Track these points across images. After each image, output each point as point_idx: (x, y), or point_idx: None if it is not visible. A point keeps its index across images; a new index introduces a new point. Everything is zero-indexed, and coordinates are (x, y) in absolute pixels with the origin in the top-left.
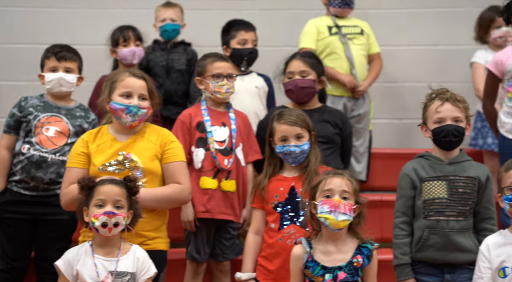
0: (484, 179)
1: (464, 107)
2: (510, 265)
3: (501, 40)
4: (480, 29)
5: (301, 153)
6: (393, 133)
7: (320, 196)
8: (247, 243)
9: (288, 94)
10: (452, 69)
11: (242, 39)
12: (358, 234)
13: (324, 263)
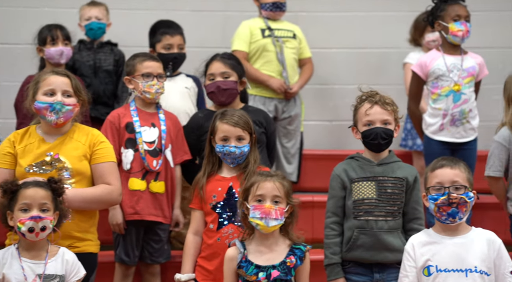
0: (412, 180)
1: (392, 110)
2: (434, 263)
3: (434, 44)
4: (415, 31)
5: (241, 155)
6: (324, 135)
7: (252, 200)
8: (186, 243)
9: (210, 96)
10: (382, 72)
11: (167, 43)
12: (290, 234)
13: (258, 262)
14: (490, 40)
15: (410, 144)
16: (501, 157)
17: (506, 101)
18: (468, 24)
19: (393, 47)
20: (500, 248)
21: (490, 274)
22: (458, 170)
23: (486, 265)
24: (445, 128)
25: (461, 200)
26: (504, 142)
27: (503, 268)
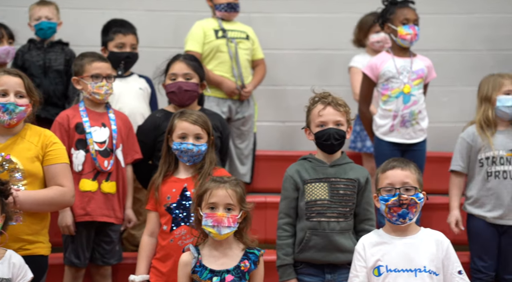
0: (363, 181)
1: (345, 111)
2: (384, 263)
3: (378, 45)
4: (359, 32)
5: (198, 153)
6: (277, 136)
7: (205, 207)
8: (141, 245)
9: (170, 96)
10: (333, 73)
11: (119, 42)
12: (245, 239)
13: (212, 266)
14: (438, 42)
15: (359, 146)
16: (463, 152)
17: (479, 101)
18: (417, 28)
19: (344, 49)
20: (448, 248)
21: (439, 274)
22: (408, 171)
23: (435, 265)
24: (395, 129)
25: (411, 201)
26: (468, 138)
27: (451, 268)
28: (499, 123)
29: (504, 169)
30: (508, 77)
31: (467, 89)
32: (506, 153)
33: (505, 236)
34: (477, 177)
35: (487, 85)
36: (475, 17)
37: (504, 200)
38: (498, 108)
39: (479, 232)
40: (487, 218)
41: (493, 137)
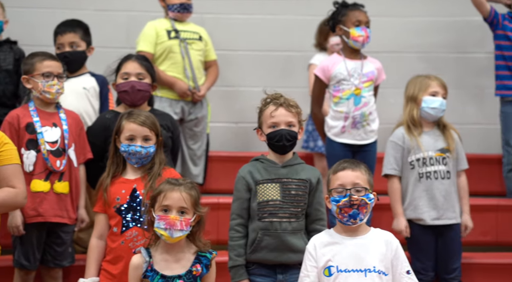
0: (315, 181)
1: (297, 112)
2: (335, 264)
3: (338, 47)
4: (320, 36)
5: (146, 155)
6: (230, 137)
7: (158, 209)
8: (90, 247)
9: (122, 95)
10: (288, 75)
11: (58, 43)
12: (197, 242)
13: (164, 272)
14: (388, 45)
15: (312, 146)
16: (396, 155)
17: (405, 101)
18: (368, 30)
19: (298, 51)
20: (397, 249)
21: (388, 274)
22: (359, 172)
23: (384, 265)
24: (347, 130)
25: (362, 202)
26: (398, 141)
27: (400, 268)
28: (425, 124)
29: (435, 169)
30: (435, 78)
31: None
32: (435, 153)
33: (441, 237)
34: (409, 179)
35: (414, 86)
36: (425, 20)
37: (438, 201)
38: (423, 109)
39: (415, 235)
40: (423, 220)
41: (420, 138)
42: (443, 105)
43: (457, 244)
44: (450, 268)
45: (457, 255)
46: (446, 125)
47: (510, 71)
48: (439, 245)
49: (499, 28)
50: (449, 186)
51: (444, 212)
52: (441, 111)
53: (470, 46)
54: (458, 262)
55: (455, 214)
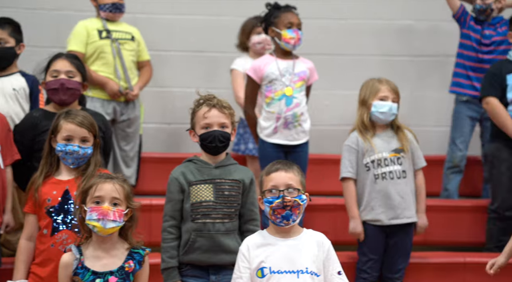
0: (248, 182)
1: (230, 114)
2: (268, 265)
3: (259, 46)
4: (242, 35)
5: (84, 156)
6: (163, 138)
7: (90, 202)
8: (19, 249)
9: (51, 93)
10: (219, 76)
11: None
12: (130, 238)
13: (95, 268)
14: (321, 46)
15: (243, 148)
16: (351, 158)
17: (358, 104)
18: (300, 32)
19: (226, 52)
20: (329, 250)
21: (320, 275)
22: (292, 173)
23: (316, 266)
24: (279, 131)
25: (295, 203)
26: (352, 144)
27: (332, 268)
28: (377, 126)
29: (390, 170)
30: (385, 83)
31: (349, 93)
32: (389, 153)
33: (392, 236)
34: (365, 181)
35: (365, 90)
36: (357, 22)
37: (394, 200)
38: (373, 114)
39: (368, 235)
40: (381, 221)
41: (374, 140)
42: (393, 109)
43: (408, 244)
44: (396, 268)
45: (405, 255)
46: (399, 126)
47: (465, 70)
48: (389, 245)
49: (465, 27)
50: (406, 185)
51: (401, 211)
52: (390, 115)
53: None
54: (405, 263)
55: (412, 213)
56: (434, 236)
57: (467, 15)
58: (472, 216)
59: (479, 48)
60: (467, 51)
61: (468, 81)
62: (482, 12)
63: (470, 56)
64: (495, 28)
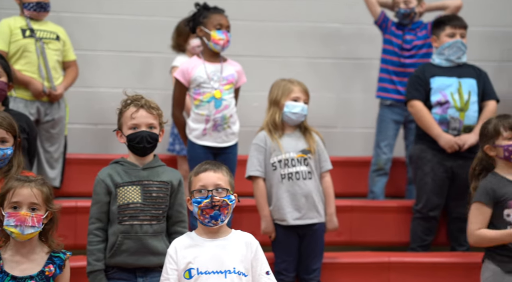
0: (176, 183)
1: (158, 114)
2: (195, 266)
3: (199, 50)
4: (178, 38)
5: (3, 157)
6: (89, 139)
7: (7, 207)
8: None
9: None
10: (148, 76)
11: None
12: (50, 241)
13: (14, 272)
14: (250, 49)
15: (178, 149)
16: (259, 157)
17: (269, 104)
18: (229, 34)
19: (157, 52)
20: (257, 250)
21: (248, 275)
22: (220, 173)
23: (244, 266)
24: (208, 133)
25: (224, 203)
26: (261, 143)
27: (260, 268)
28: (287, 127)
29: (297, 170)
30: (297, 84)
31: None
32: (296, 154)
33: (304, 237)
34: (273, 181)
35: (277, 90)
36: (285, 25)
37: (300, 201)
38: (285, 114)
39: (279, 236)
40: (286, 221)
41: (282, 140)
42: (304, 110)
43: (319, 244)
44: (311, 268)
45: (318, 255)
46: (307, 128)
47: (389, 75)
48: (302, 246)
49: (387, 32)
50: (311, 186)
51: (306, 212)
52: (302, 116)
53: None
54: (319, 263)
55: (318, 214)
56: (361, 236)
57: (388, 21)
58: (397, 217)
59: (401, 53)
60: (390, 56)
61: (392, 85)
62: (406, 16)
63: (392, 61)
64: (415, 33)
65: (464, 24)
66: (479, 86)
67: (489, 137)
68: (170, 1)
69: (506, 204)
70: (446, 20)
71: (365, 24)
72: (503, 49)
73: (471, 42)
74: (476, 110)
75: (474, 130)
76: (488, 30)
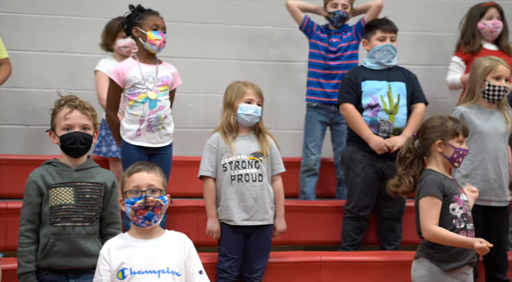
0: (110, 185)
1: (92, 115)
2: (129, 266)
3: (125, 50)
4: (107, 37)
5: None
6: (21, 139)
7: None
8: None
9: None
10: (81, 77)
11: None
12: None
13: None
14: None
15: (105, 150)
16: (211, 157)
17: (223, 106)
18: (165, 35)
19: (87, 53)
20: (190, 250)
21: (181, 275)
22: (154, 174)
23: (178, 265)
24: (142, 133)
25: (157, 203)
26: (213, 144)
27: (193, 268)
28: (241, 129)
29: (246, 172)
30: (251, 86)
31: (210, 96)
32: (248, 156)
33: (250, 237)
34: (222, 181)
35: (231, 92)
36: (218, 26)
37: (248, 202)
38: (239, 116)
39: (226, 235)
40: (234, 221)
41: (235, 142)
42: (258, 112)
43: (265, 244)
44: (255, 268)
45: (263, 255)
46: (262, 130)
47: (317, 78)
48: (247, 245)
49: (312, 37)
50: (261, 189)
51: (254, 213)
52: (256, 118)
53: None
54: (263, 263)
55: (267, 216)
56: (293, 236)
57: (313, 25)
58: (329, 216)
59: (327, 56)
60: (317, 59)
61: (320, 88)
62: (343, 19)
63: (319, 64)
64: (340, 36)
65: (394, 28)
66: (408, 89)
67: (445, 134)
68: (102, 2)
69: (451, 198)
70: (377, 24)
71: (295, 28)
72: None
73: (401, 46)
74: (405, 113)
75: (403, 132)
76: (418, 34)
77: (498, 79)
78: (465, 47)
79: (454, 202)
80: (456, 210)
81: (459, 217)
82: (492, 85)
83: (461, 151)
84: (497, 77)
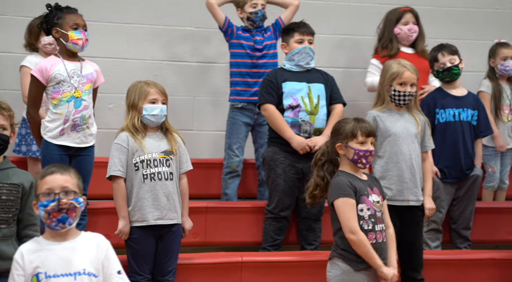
0: (28, 186)
1: (9, 115)
2: (43, 270)
3: (51, 48)
4: (30, 36)
5: None
6: None
7: None
8: None
9: None
10: (2, 76)
11: None
12: None
13: None
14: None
15: (24, 150)
16: (121, 157)
17: (127, 108)
18: (87, 33)
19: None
20: (108, 250)
21: (98, 276)
22: (68, 176)
23: (95, 267)
24: (66, 133)
25: (71, 205)
26: (123, 143)
27: (111, 268)
28: (148, 129)
29: (159, 170)
30: (154, 85)
31: None
32: (159, 155)
33: (161, 239)
34: (134, 181)
35: (133, 93)
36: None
37: (161, 201)
38: (145, 117)
39: (137, 236)
40: (147, 221)
41: (144, 141)
42: (163, 111)
43: (176, 246)
44: (166, 269)
45: (174, 257)
46: (168, 129)
47: (243, 77)
48: (158, 247)
49: (233, 37)
50: (172, 187)
51: (167, 212)
52: (162, 117)
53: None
54: (174, 264)
55: (177, 215)
56: (215, 237)
57: (233, 25)
58: (250, 217)
59: (253, 54)
60: (242, 59)
61: (247, 88)
62: (265, 18)
63: (246, 63)
64: (262, 34)
65: (311, 31)
66: (327, 90)
67: (344, 137)
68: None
69: (360, 199)
70: (295, 27)
71: (216, 29)
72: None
73: (321, 49)
74: (325, 114)
75: (324, 132)
76: (337, 37)
77: (403, 85)
78: (382, 51)
79: (363, 203)
80: (364, 211)
81: (366, 218)
82: (397, 90)
83: (361, 152)
84: (402, 83)
